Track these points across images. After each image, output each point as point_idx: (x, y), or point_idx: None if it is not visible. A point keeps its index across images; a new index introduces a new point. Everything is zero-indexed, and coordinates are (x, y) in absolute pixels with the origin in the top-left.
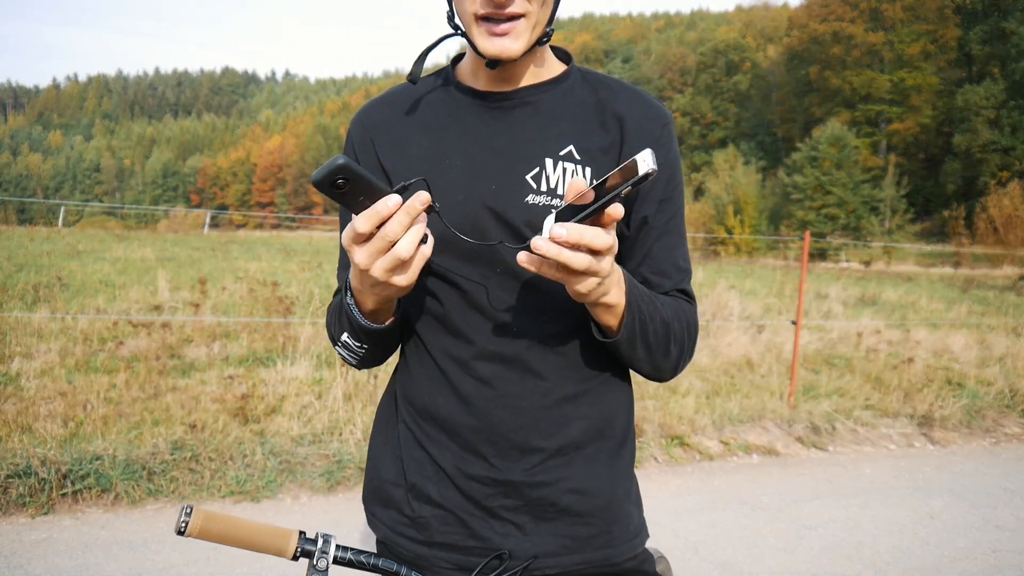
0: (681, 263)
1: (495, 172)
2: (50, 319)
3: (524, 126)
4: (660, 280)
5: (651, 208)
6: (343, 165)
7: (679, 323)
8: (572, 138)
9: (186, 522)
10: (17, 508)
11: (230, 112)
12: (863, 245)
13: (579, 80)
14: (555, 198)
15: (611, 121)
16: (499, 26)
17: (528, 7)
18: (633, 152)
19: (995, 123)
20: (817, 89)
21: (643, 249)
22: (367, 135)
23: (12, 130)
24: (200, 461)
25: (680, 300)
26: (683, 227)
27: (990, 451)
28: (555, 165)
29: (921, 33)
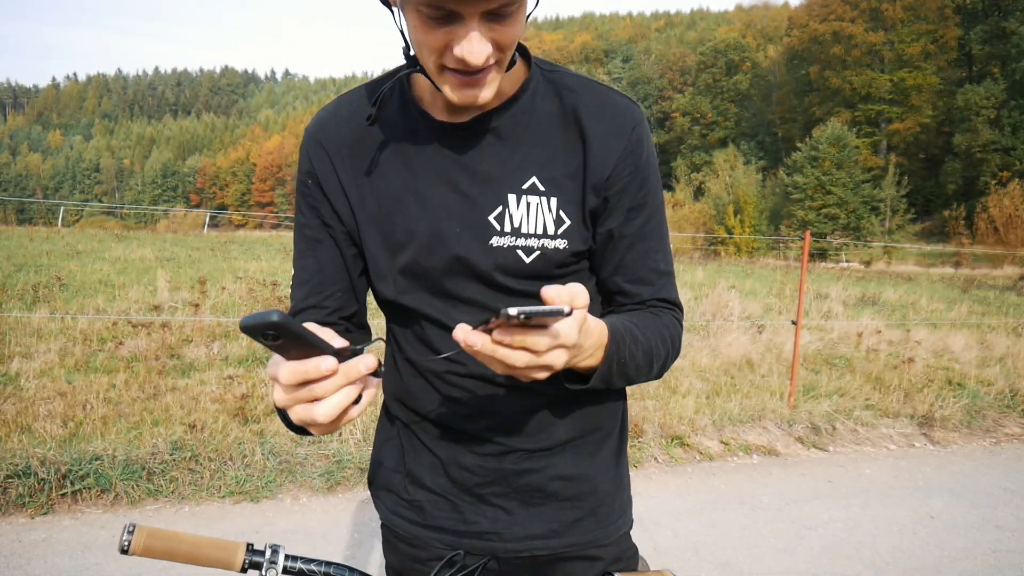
0: (661, 266)
1: (458, 214)
2: (50, 319)
3: (485, 160)
4: (638, 289)
5: (617, 219)
6: (276, 323)
7: (662, 344)
8: (535, 166)
9: (128, 540)
10: (17, 508)
11: (230, 112)
12: (863, 245)
13: (541, 86)
14: (519, 237)
15: (575, 139)
16: (470, 78)
17: (498, 55)
18: (597, 175)
19: (995, 123)
20: (817, 89)
21: (614, 260)
22: (326, 156)
23: (12, 130)
24: (200, 461)
25: (662, 313)
26: (662, 227)
27: (990, 451)
28: (518, 201)
29: (921, 33)
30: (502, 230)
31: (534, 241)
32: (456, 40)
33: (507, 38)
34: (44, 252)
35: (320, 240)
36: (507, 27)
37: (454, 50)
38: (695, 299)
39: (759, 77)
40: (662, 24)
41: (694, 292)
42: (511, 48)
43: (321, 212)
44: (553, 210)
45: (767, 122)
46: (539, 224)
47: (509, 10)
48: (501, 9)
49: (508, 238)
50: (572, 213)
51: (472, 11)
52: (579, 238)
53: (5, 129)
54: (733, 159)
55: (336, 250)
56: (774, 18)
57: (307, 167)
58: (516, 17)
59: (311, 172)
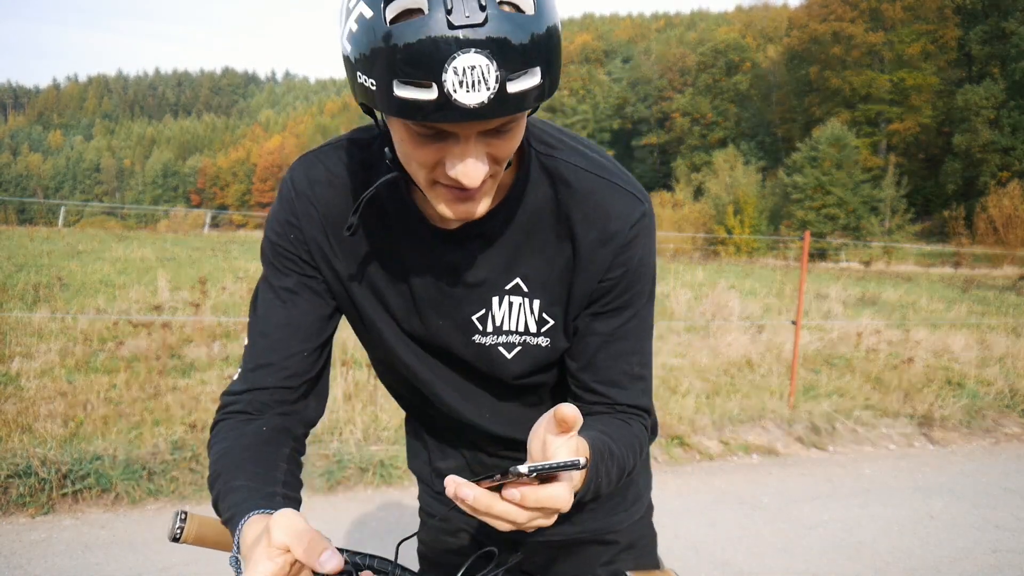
0: (635, 370)
1: (444, 309)
2: (50, 319)
3: (471, 264)
4: (609, 391)
5: (593, 316)
6: None
7: (632, 456)
8: (522, 266)
9: (181, 528)
10: (17, 508)
11: (230, 112)
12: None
13: (535, 176)
14: (501, 335)
15: (565, 243)
16: (464, 193)
17: (495, 169)
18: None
19: (995, 123)
20: (817, 89)
21: (585, 356)
22: (318, 219)
23: (12, 130)
24: (200, 461)
25: (632, 421)
26: (642, 330)
27: (990, 451)
28: (501, 302)
29: (921, 33)
30: (484, 330)
31: (516, 338)
32: (449, 157)
33: (504, 152)
34: (45, 252)
35: (294, 292)
36: (506, 141)
37: (447, 170)
38: (695, 299)
39: (759, 77)
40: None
41: (694, 292)
42: (508, 159)
43: (301, 267)
44: (535, 311)
45: (767, 122)
46: (521, 323)
47: (509, 127)
48: (502, 126)
49: (490, 337)
50: (556, 314)
51: (465, 130)
52: (564, 337)
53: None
54: (733, 159)
55: (312, 303)
56: (774, 18)
57: (291, 220)
58: (516, 131)
59: (295, 227)
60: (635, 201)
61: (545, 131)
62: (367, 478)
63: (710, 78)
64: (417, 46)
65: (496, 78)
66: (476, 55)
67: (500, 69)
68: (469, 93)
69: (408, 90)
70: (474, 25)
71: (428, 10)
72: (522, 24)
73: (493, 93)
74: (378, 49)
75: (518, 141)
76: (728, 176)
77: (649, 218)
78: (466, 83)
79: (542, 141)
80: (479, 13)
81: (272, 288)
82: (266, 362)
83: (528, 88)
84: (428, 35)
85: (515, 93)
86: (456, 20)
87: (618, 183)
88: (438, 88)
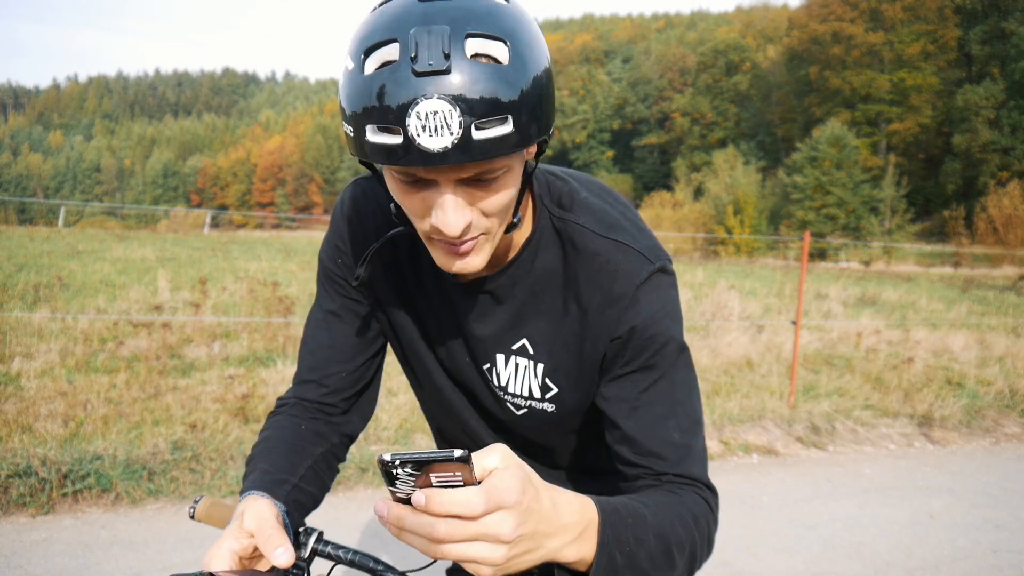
0: (674, 436)
1: (460, 360)
2: (50, 319)
3: (479, 320)
4: (649, 462)
5: (614, 382)
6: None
7: (682, 527)
8: (528, 328)
9: (194, 508)
10: (17, 508)
11: (230, 112)
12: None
13: (547, 238)
14: (506, 394)
15: (573, 307)
16: (454, 247)
17: (487, 223)
18: (593, 349)
19: (995, 123)
20: (817, 89)
21: (617, 427)
22: (363, 243)
23: (12, 130)
24: (200, 461)
25: (683, 491)
26: (674, 393)
27: (990, 451)
28: (507, 361)
29: (921, 33)
30: (493, 384)
31: (521, 401)
32: (433, 207)
33: (494, 206)
34: (45, 252)
35: (338, 315)
36: (492, 193)
37: (432, 219)
38: (695, 299)
39: (759, 77)
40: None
41: (694, 292)
42: (501, 215)
43: (347, 290)
44: (539, 376)
45: (767, 122)
46: (525, 387)
47: (491, 176)
48: (481, 175)
49: (498, 392)
50: (560, 381)
51: (442, 177)
52: (571, 403)
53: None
54: (733, 159)
55: (353, 328)
56: (774, 19)
57: (339, 245)
58: (503, 183)
59: (344, 252)
60: (643, 260)
61: (564, 191)
62: (367, 478)
63: (710, 78)
64: (386, 92)
65: (460, 124)
66: (438, 101)
67: (464, 115)
68: (432, 138)
69: (379, 135)
70: (437, 72)
71: (398, 59)
72: (493, 74)
73: (457, 139)
74: (356, 97)
75: (508, 196)
76: (728, 176)
77: (661, 277)
78: (429, 128)
79: (559, 203)
80: (443, 61)
81: (320, 309)
82: (309, 379)
83: (497, 136)
84: (395, 82)
85: (481, 140)
86: (420, 68)
87: (627, 243)
88: (403, 132)
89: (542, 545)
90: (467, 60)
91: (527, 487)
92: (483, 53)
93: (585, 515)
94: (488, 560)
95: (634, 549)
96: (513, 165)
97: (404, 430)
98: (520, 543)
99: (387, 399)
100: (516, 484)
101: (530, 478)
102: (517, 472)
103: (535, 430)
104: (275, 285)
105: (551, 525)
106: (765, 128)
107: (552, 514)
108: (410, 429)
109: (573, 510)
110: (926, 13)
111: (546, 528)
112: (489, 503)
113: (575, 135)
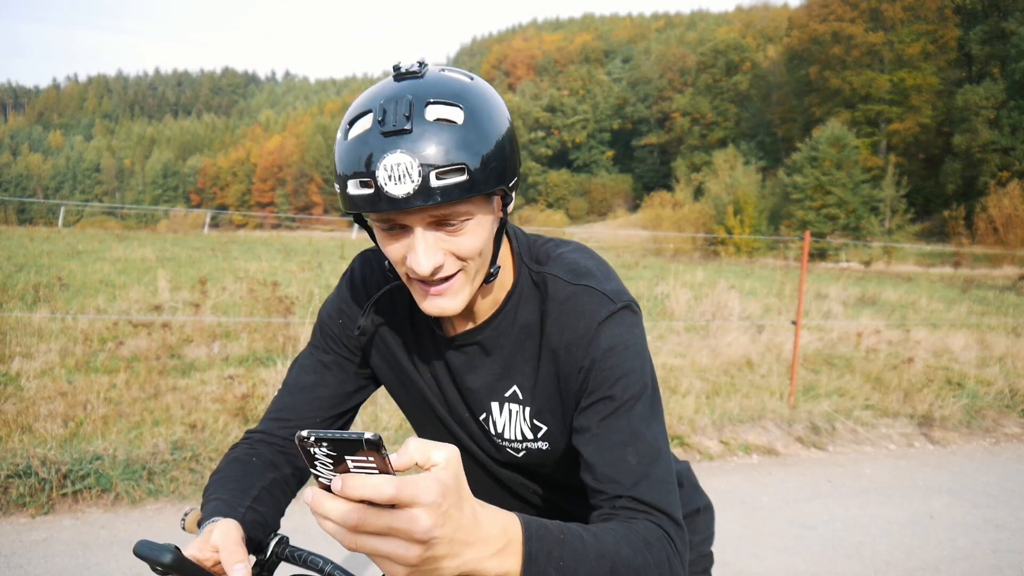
0: (631, 462)
1: (456, 413)
2: (50, 319)
3: (474, 371)
4: (605, 487)
5: (580, 413)
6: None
7: (632, 550)
8: (516, 376)
9: (184, 520)
10: (17, 508)
11: (230, 112)
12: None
13: (526, 291)
14: (503, 440)
15: (548, 351)
16: (433, 288)
17: (461, 263)
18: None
19: (995, 123)
20: (817, 89)
21: (583, 458)
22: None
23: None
24: (200, 461)
25: (636, 518)
26: (632, 423)
27: (990, 451)
28: (501, 408)
29: (921, 33)
30: (490, 433)
31: (517, 444)
32: (408, 250)
33: (464, 249)
34: (45, 252)
35: (327, 366)
36: (461, 238)
37: (408, 261)
38: (695, 299)
39: (759, 77)
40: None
41: (694, 292)
42: (475, 260)
43: (340, 348)
44: (527, 419)
45: (767, 122)
46: (517, 430)
47: (456, 220)
48: (446, 220)
49: (496, 439)
50: (546, 419)
51: (412, 221)
52: (560, 438)
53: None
54: (733, 159)
55: (340, 380)
56: (774, 18)
57: (343, 308)
58: (469, 229)
59: (346, 314)
60: (606, 300)
61: (542, 250)
62: None
63: (710, 78)
64: (361, 152)
65: (419, 172)
66: (401, 155)
67: (422, 165)
68: (396, 185)
69: (357, 189)
70: (400, 131)
71: (370, 125)
72: (449, 132)
73: (416, 186)
74: (342, 160)
75: (477, 241)
76: (728, 176)
77: (623, 314)
78: (394, 177)
79: (536, 259)
80: (405, 122)
81: (311, 355)
82: (284, 417)
83: (453, 183)
84: (367, 143)
85: (439, 187)
86: (386, 129)
87: (592, 286)
88: (374, 183)
89: (460, 553)
90: (426, 122)
91: (449, 492)
92: (441, 117)
93: (508, 530)
94: (401, 558)
95: (570, 565)
96: (476, 213)
97: (404, 430)
98: (435, 546)
99: (388, 400)
100: (436, 485)
101: (458, 485)
102: (442, 475)
103: (540, 468)
104: (275, 285)
105: (471, 535)
106: (765, 128)
107: (472, 524)
108: (409, 430)
109: (495, 524)
110: (926, 13)
111: (465, 537)
112: (401, 493)
113: (575, 135)
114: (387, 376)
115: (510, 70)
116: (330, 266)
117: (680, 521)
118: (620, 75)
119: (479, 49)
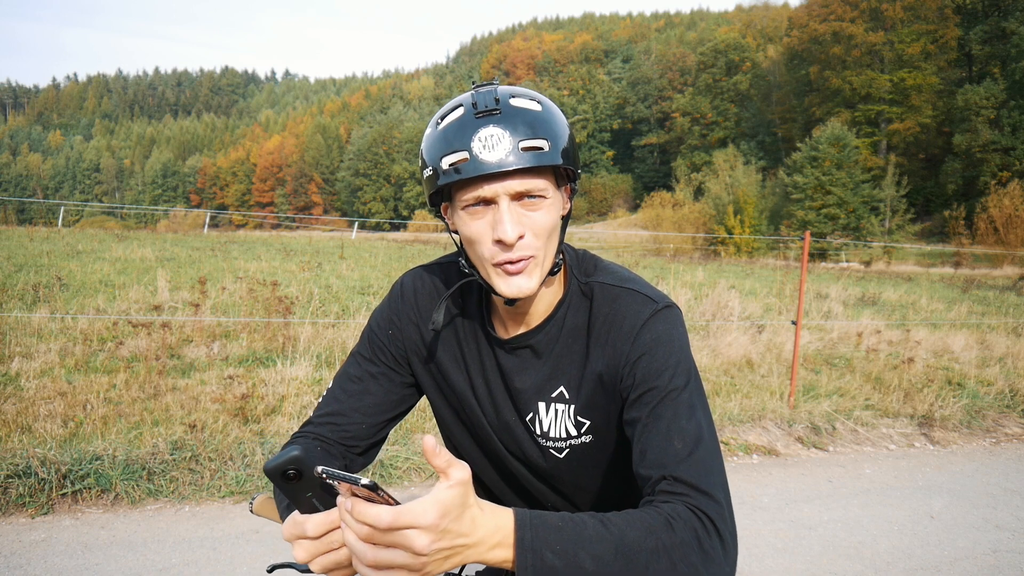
0: (675, 446)
1: (506, 416)
2: (50, 319)
3: (524, 372)
4: (651, 471)
5: (629, 406)
6: (296, 457)
7: (648, 534)
8: (563, 376)
9: (251, 503)
10: (17, 508)
11: (230, 112)
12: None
13: (575, 300)
14: (548, 440)
15: (595, 349)
16: (512, 266)
17: (535, 244)
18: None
19: (995, 123)
20: (817, 89)
21: (636, 450)
22: (415, 319)
23: (12, 130)
24: (200, 461)
25: (665, 500)
26: (682, 411)
27: (990, 451)
28: (547, 408)
29: (921, 33)
30: (535, 432)
31: (561, 443)
32: (495, 224)
33: (539, 225)
34: (44, 252)
35: (374, 376)
36: (537, 213)
37: (494, 234)
38: (695, 299)
39: (759, 77)
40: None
41: (694, 292)
42: (544, 238)
43: (387, 359)
44: (572, 416)
45: (767, 122)
46: (562, 429)
47: (535, 195)
48: (528, 192)
49: (540, 439)
50: (590, 415)
51: (498, 192)
52: (604, 430)
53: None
54: (733, 159)
55: (385, 390)
56: (774, 18)
57: (393, 319)
58: (545, 207)
59: (396, 325)
60: (649, 301)
61: (590, 263)
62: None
63: (710, 78)
64: (455, 132)
65: (509, 141)
66: (494, 128)
67: (511, 136)
68: (490, 152)
69: (451, 158)
70: (491, 111)
71: (463, 112)
72: (532, 115)
73: (508, 152)
74: (435, 144)
75: (550, 221)
76: (728, 176)
77: (665, 313)
78: (488, 146)
79: (584, 271)
80: (495, 105)
81: (360, 362)
82: (332, 422)
83: (537, 154)
84: (462, 124)
85: (526, 155)
86: (479, 110)
87: (636, 289)
88: (469, 152)
89: (459, 553)
90: (512, 106)
91: (450, 511)
92: (523, 106)
93: (502, 525)
94: (405, 564)
95: (569, 549)
96: (549, 195)
97: (404, 431)
98: (436, 555)
99: None
100: (435, 507)
101: (463, 501)
102: (447, 494)
103: (580, 471)
104: (275, 285)
105: (468, 539)
106: (765, 128)
107: (471, 528)
108: (409, 430)
109: (489, 525)
110: (926, 13)
111: (464, 541)
112: (397, 521)
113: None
114: (429, 385)
115: (510, 70)
116: (330, 266)
117: (718, 498)
118: (620, 75)
119: (479, 49)
